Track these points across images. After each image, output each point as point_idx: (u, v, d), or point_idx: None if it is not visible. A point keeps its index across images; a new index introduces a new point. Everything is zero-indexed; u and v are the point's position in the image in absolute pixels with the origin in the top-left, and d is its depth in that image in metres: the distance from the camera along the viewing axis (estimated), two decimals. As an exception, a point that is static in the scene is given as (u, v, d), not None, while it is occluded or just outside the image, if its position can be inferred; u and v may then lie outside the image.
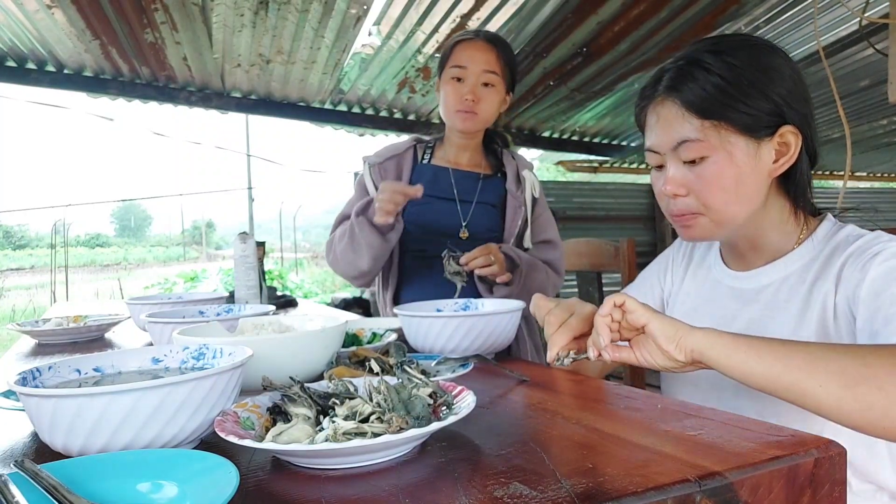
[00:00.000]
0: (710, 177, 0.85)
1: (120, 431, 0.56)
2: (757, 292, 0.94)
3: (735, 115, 0.83)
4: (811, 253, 0.90)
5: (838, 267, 0.85)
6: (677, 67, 0.88)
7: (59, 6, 2.78)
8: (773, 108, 0.84)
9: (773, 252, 0.94)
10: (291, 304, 2.14)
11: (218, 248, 37.82)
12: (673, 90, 0.87)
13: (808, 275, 0.89)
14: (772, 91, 0.84)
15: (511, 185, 1.60)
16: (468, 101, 1.50)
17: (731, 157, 0.84)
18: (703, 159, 0.85)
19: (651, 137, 0.91)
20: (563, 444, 0.60)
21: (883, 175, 7.94)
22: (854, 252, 0.84)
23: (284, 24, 3.04)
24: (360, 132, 4.61)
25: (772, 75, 0.85)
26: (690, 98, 0.85)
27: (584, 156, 5.86)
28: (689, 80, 0.85)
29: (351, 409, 0.62)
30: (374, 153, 1.67)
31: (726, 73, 0.84)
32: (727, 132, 0.84)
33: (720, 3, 2.95)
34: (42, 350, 1.34)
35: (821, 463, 0.56)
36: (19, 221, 39.88)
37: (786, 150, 0.86)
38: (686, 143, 0.85)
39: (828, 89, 2.03)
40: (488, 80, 1.51)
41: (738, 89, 0.83)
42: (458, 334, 1.01)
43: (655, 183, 0.94)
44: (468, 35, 1.55)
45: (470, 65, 1.50)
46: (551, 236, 1.63)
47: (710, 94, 0.84)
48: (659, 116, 0.89)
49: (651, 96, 0.91)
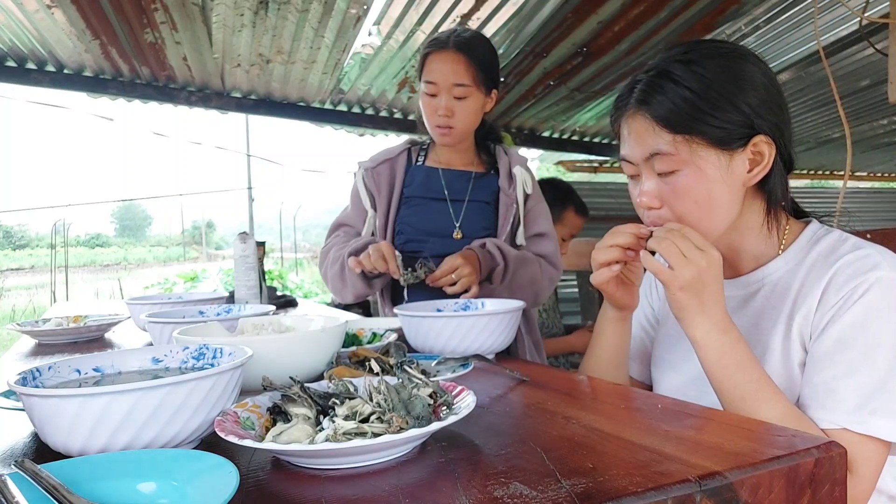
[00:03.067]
0: (681, 190, 0.85)
1: (120, 431, 0.56)
2: (745, 300, 0.94)
3: (705, 128, 0.83)
4: (796, 258, 0.90)
5: (823, 286, 0.83)
6: (648, 80, 0.87)
7: (59, 6, 2.78)
8: (744, 120, 0.84)
9: (757, 257, 0.93)
10: (291, 304, 2.14)
11: (218, 248, 37.84)
12: (643, 104, 0.86)
13: (794, 282, 0.88)
14: (742, 102, 0.83)
15: (503, 181, 1.59)
16: (441, 116, 1.49)
17: (701, 171, 0.84)
18: (675, 172, 0.85)
19: (625, 147, 0.91)
20: (563, 444, 0.60)
21: (883, 175, 7.94)
22: (841, 271, 0.83)
23: (284, 24, 3.04)
24: (360, 132, 4.61)
25: (743, 85, 0.84)
26: (660, 112, 0.84)
27: (584, 156, 5.86)
28: (659, 93, 0.85)
29: (351, 409, 0.62)
30: (368, 157, 1.67)
31: (696, 86, 0.83)
32: (698, 146, 0.83)
33: (720, 3, 2.95)
34: (42, 350, 1.34)
35: (821, 463, 0.56)
36: (19, 221, 39.93)
37: (760, 159, 0.86)
38: (657, 155, 0.85)
39: (828, 89, 2.03)
40: (459, 94, 1.48)
41: (707, 103, 0.82)
42: (458, 334, 1.01)
43: (632, 193, 0.95)
44: (438, 44, 1.51)
45: (440, 80, 1.48)
46: (544, 229, 1.61)
47: (680, 107, 0.83)
48: (630, 129, 0.89)
49: (623, 107, 0.90)
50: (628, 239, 0.88)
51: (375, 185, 1.61)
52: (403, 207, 1.60)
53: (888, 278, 0.79)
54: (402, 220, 1.59)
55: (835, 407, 0.77)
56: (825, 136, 5.35)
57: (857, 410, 0.76)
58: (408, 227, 1.58)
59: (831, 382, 0.79)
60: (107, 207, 64.01)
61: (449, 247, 1.57)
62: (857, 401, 0.76)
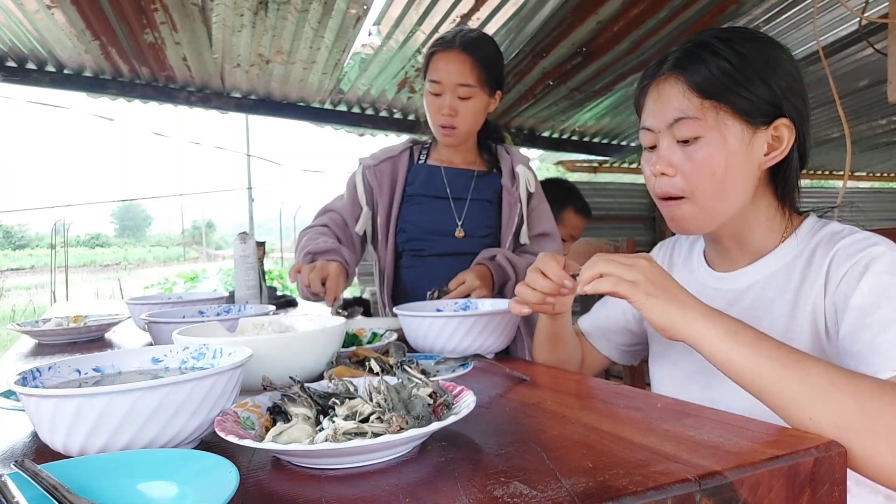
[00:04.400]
0: (700, 159, 0.86)
1: (120, 431, 0.56)
2: (742, 292, 0.93)
3: (736, 98, 0.84)
4: (794, 250, 0.90)
5: (826, 265, 0.84)
6: (685, 48, 0.89)
7: (59, 6, 2.78)
8: (773, 98, 0.85)
9: (758, 250, 0.93)
10: (291, 304, 2.14)
11: (218, 248, 37.85)
12: (679, 68, 0.87)
13: (793, 274, 0.88)
14: (773, 82, 0.85)
15: (506, 180, 1.60)
16: (445, 115, 1.49)
17: (724, 139, 0.85)
18: (697, 140, 0.85)
19: (648, 117, 0.92)
20: (562, 444, 0.60)
21: (882, 175, 7.94)
22: (843, 250, 0.83)
23: (284, 24, 3.04)
24: (360, 132, 4.61)
25: (775, 67, 0.86)
26: (695, 77, 0.85)
27: (584, 156, 5.86)
28: (697, 61, 0.86)
29: (351, 409, 0.62)
30: (370, 155, 1.67)
31: (733, 59, 0.85)
32: (725, 114, 0.85)
33: (719, 3, 2.95)
34: (42, 350, 1.34)
35: (821, 462, 0.56)
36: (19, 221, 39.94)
37: (778, 143, 0.87)
38: (683, 119, 0.86)
39: (827, 89, 2.03)
40: (463, 94, 1.49)
41: (742, 75, 0.84)
42: (458, 334, 1.01)
43: (646, 165, 0.94)
44: (443, 44, 1.51)
45: (444, 80, 1.48)
46: (547, 229, 1.63)
47: (716, 75, 0.84)
48: (660, 94, 0.89)
49: (654, 75, 0.91)
50: (551, 287, 0.89)
51: (377, 182, 1.61)
52: (405, 206, 1.60)
53: (888, 250, 0.80)
54: (404, 219, 1.59)
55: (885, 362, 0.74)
56: (825, 136, 5.35)
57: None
58: (410, 225, 1.58)
59: (871, 343, 0.76)
60: (107, 207, 64.06)
61: (451, 245, 1.57)
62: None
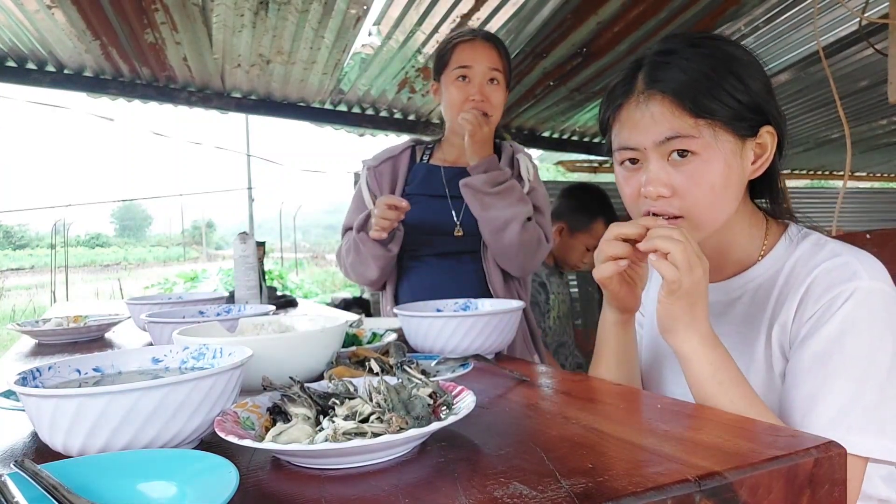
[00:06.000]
0: (699, 175, 0.82)
1: (120, 431, 0.56)
2: (727, 305, 0.92)
3: (720, 107, 0.81)
4: (777, 264, 0.88)
5: (801, 293, 0.83)
6: (653, 61, 0.85)
7: (59, 6, 2.78)
8: (752, 101, 0.82)
9: (740, 261, 0.92)
10: (291, 304, 2.14)
11: (218, 248, 37.85)
12: (655, 82, 0.83)
13: (773, 289, 0.87)
14: (748, 80, 0.83)
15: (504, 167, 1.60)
16: (476, 100, 1.50)
17: (722, 155, 0.82)
18: (694, 156, 0.82)
19: (629, 134, 0.86)
20: (562, 444, 0.60)
21: (882, 175, 7.94)
22: (819, 280, 0.82)
23: (284, 25, 3.04)
24: (360, 132, 4.61)
25: (746, 66, 0.84)
26: (674, 86, 0.81)
27: (584, 156, 5.86)
28: (668, 70, 0.83)
29: (351, 409, 0.62)
30: (372, 156, 1.68)
31: (704, 61, 0.82)
32: (719, 130, 0.82)
33: (719, 3, 2.95)
34: (42, 350, 1.34)
35: (820, 463, 0.56)
36: (19, 221, 39.91)
37: (762, 151, 0.86)
38: (678, 138, 0.81)
39: (827, 89, 2.03)
40: (494, 77, 1.52)
41: (718, 74, 0.81)
42: (458, 334, 1.01)
43: (627, 183, 0.88)
44: (467, 35, 1.55)
45: (475, 64, 1.50)
46: (540, 203, 1.62)
47: (693, 79, 0.81)
48: (643, 112, 0.84)
49: (626, 94, 0.86)
50: (638, 230, 0.81)
51: (378, 183, 1.62)
52: None
53: (866, 288, 0.78)
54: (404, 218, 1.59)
55: (812, 423, 0.77)
56: (825, 137, 5.35)
57: (834, 428, 0.75)
58: (409, 224, 1.58)
59: (809, 398, 0.78)
60: (107, 207, 64.01)
61: (450, 244, 1.57)
62: (833, 415, 0.76)
